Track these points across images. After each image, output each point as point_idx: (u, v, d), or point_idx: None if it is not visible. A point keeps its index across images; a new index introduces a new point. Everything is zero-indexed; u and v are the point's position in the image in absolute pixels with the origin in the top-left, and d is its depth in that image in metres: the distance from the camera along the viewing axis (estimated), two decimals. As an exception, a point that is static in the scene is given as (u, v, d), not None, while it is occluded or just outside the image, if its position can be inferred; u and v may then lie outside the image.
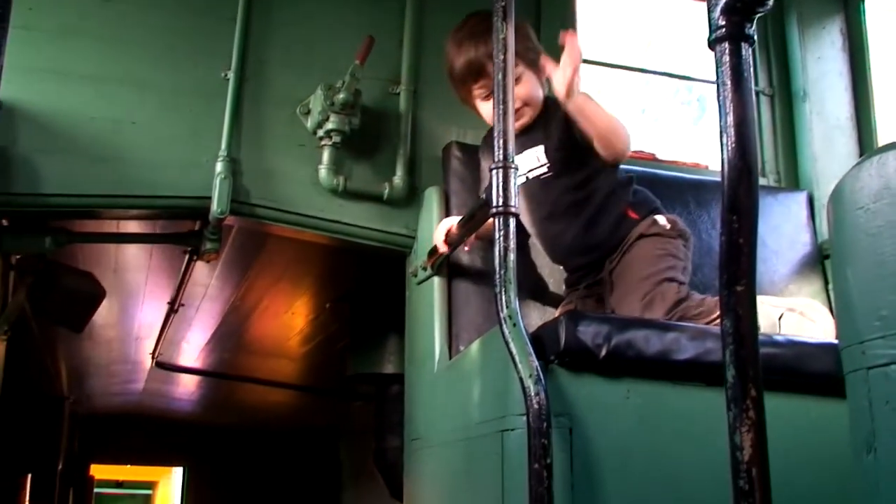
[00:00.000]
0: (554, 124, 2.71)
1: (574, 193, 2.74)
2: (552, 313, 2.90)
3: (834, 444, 2.22)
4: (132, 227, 3.59)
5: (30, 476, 6.84)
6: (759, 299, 2.08)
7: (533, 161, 2.76)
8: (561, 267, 2.92)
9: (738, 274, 1.40)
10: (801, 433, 2.29)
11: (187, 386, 7.33)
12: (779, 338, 2.53)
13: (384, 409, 3.87)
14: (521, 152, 2.72)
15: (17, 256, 3.47)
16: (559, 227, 2.77)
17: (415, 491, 2.96)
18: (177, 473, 11.37)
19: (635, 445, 2.22)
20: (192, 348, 5.77)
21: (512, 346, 2.11)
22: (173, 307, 4.54)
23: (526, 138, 2.74)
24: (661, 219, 2.73)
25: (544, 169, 2.74)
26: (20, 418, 6.60)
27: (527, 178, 2.76)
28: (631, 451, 2.22)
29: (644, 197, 2.81)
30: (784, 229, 3.51)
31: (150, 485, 15.76)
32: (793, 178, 3.79)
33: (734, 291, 1.40)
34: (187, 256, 3.73)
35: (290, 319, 4.77)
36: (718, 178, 1.42)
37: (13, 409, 5.43)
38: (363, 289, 4.10)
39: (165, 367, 6.18)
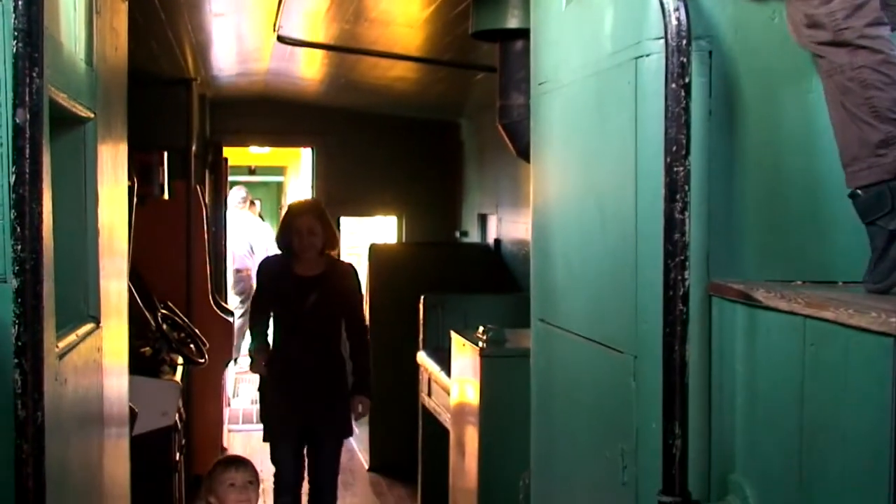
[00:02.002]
0: None
1: None
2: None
3: None
4: None
5: (165, 154, 7.10)
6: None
7: None
8: None
9: None
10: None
11: (310, 64, 7.34)
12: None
13: (508, 65, 3.77)
14: None
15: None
16: None
17: (542, 138, 2.93)
18: (305, 159, 11.71)
19: (778, 69, 2.10)
20: (313, 19, 5.69)
21: (649, -41, 1.96)
22: (290, -31, 4.42)
23: None
24: None
25: None
26: (151, 98, 6.78)
27: None
28: (773, 76, 2.10)
29: None
30: None
31: (281, 171, 16.34)
32: None
33: None
34: None
35: (409, -22, 4.61)
36: None
37: (143, 88, 5.53)
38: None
39: (287, 41, 6.15)
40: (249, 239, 13.08)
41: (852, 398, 1.66)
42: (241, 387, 11.39)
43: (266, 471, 5.60)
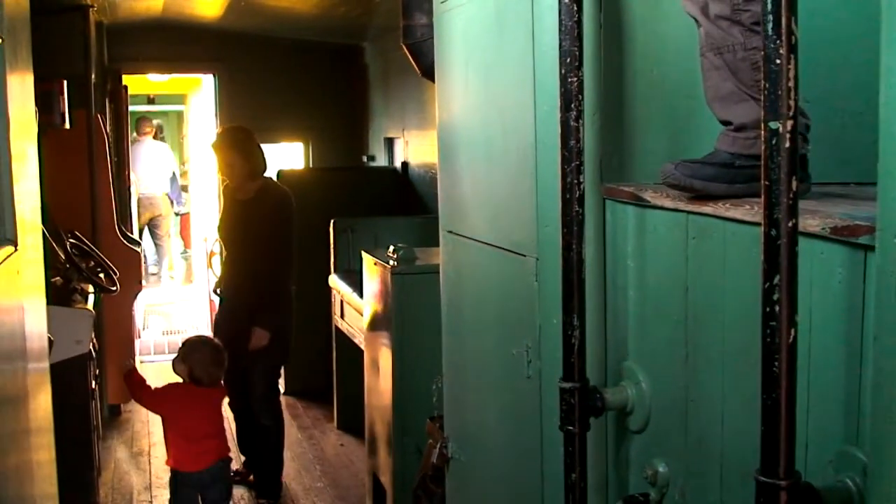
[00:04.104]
0: None
1: None
2: None
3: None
4: None
5: (65, 83, 6.97)
6: None
7: None
8: None
9: None
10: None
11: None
12: None
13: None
14: None
15: None
16: None
17: (446, 57, 3.04)
18: (206, 87, 11.55)
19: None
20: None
21: None
22: None
23: None
24: None
25: None
26: (48, 26, 6.62)
27: None
28: (659, -8, 2.24)
29: None
30: None
31: (181, 99, 16.02)
32: None
33: None
34: None
35: None
36: None
37: (40, 15, 5.42)
38: None
39: (185, -35, 6.10)
40: (172, 167, 13.22)
41: (729, 285, 1.84)
42: (151, 319, 11.36)
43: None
